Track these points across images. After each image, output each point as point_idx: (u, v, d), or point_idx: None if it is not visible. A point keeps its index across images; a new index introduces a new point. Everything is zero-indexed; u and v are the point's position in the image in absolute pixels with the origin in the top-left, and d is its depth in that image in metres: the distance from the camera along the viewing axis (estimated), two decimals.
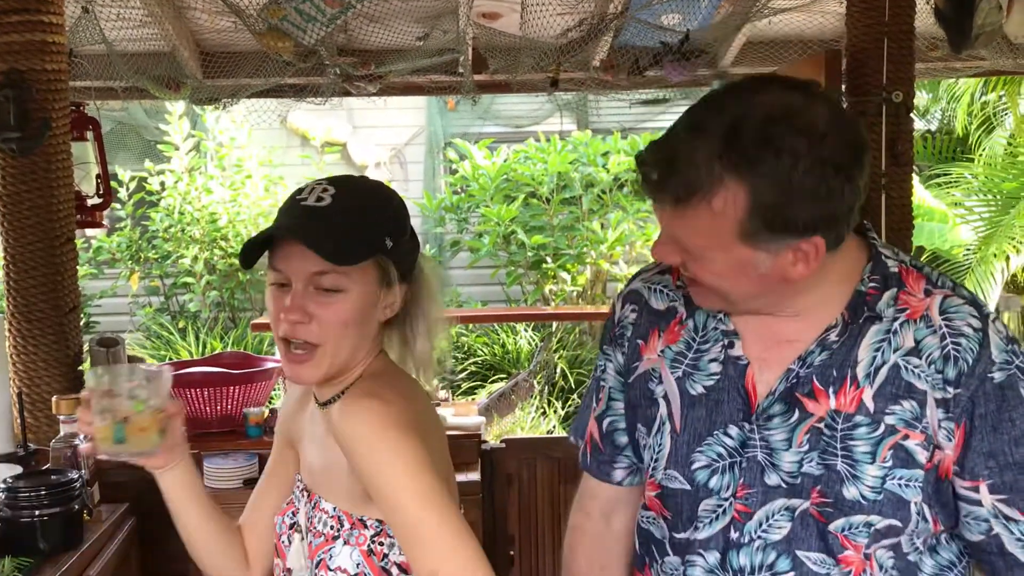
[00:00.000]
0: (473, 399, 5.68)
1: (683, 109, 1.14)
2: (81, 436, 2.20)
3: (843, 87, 3.01)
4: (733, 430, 1.17)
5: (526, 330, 6.79)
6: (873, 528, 1.12)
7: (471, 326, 6.66)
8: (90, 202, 3.13)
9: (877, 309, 1.14)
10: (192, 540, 1.42)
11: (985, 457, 1.10)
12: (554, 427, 5.96)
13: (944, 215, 6.64)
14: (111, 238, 6.74)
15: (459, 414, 3.21)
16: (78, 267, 2.75)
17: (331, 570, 1.26)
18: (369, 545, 1.25)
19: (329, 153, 7.60)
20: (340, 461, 1.25)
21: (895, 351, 1.13)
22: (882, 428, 1.12)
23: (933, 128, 7.51)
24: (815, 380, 1.14)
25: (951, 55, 3.34)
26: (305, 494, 1.34)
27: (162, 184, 6.89)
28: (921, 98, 7.08)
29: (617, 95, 4.12)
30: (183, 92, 3.55)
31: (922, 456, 1.11)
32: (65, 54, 2.66)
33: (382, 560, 1.25)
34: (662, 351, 1.25)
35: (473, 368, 6.56)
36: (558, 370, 6.47)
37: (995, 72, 4.67)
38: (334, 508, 1.28)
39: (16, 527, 2.01)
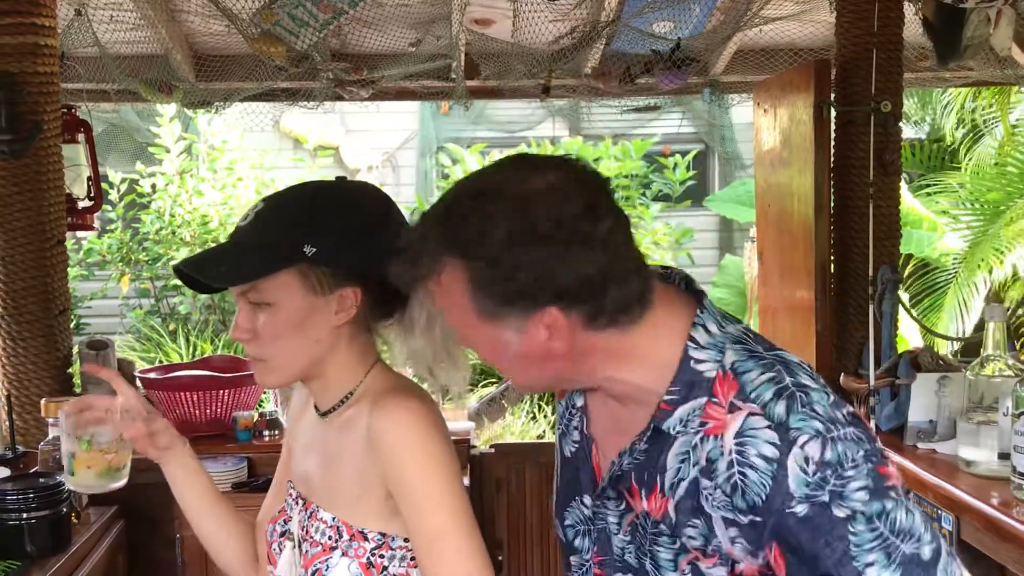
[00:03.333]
0: (462, 404, 5.68)
1: (674, 117, 1.13)
2: None
3: (832, 96, 3.03)
4: (587, 499, 1.19)
5: None
6: None
7: None
8: (81, 204, 3.12)
9: (665, 427, 1.07)
10: (200, 527, 1.44)
11: None
12: (544, 432, 5.97)
13: (933, 223, 6.68)
14: (102, 240, 6.73)
15: (448, 419, 3.21)
16: (68, 268, 2.75)
17: None
18: (368, 558, 1.25)
19: (322, 156, 7.60)
20: (347, 470, 1.26)
21: (694, 466, 1.05)
22: (679, 544, 1.08)
23: (923, 136, 7.55)
24: (632, 479, 1.12)
25: (939, 65, 3.37)
26: (299, 502, 1.34)
27: (153, 186, 6.87)
28: (910, 106, 7.11)
29: (608, 102, 4.14)
30: (176, 95, 3.55)
31: (722, 573, 1.06)
32: (57, 57, 2.66)
33: (381, 573, 1.25)
34: (558, 405, 1.28)
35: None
36: None
37: (983, 83, 4.71)
38: (333, 518, 1.27)
39: (3, 530, 2.01)
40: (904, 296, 5.11)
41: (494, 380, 6.38)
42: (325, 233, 1.24)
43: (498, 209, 1.02)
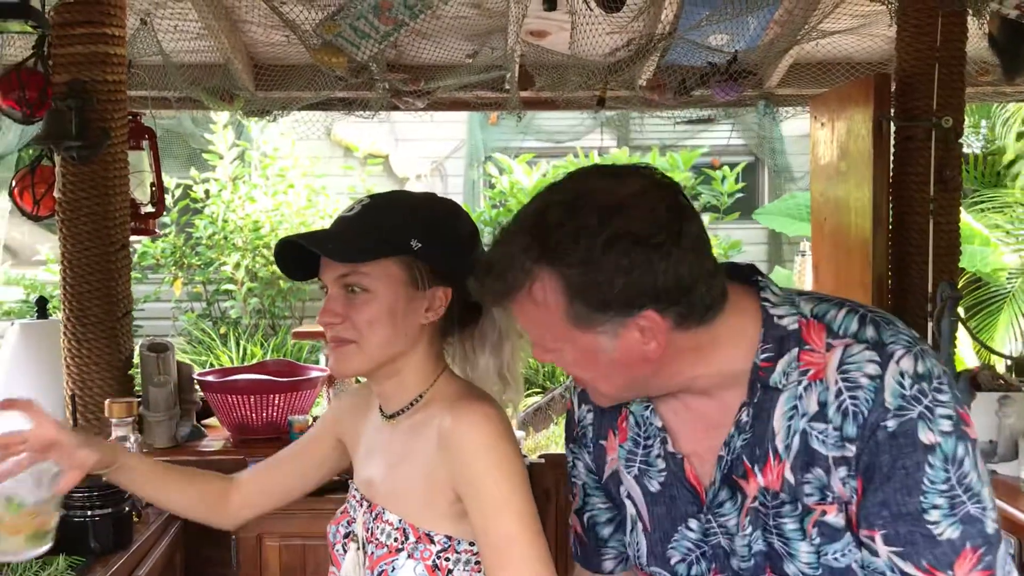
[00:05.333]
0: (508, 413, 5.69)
1: (723, 129, 1.14)
2: (132, 439, 2.25)
3: (892, 111, 3.00)
4: (693, 523, 1.18)
5: None
6: None
7: None
8: (144, 210, 3.19)
9: (772, 382, 1.09)
10: (168, 505, 1.54)
11: (879, 507, 1.04)
12: None
13: (985, 239, 6.57)
14: (155, 244, 6.86)
15: None
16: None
17: None
18: (435, 560, 1.26)
19: (372, 164, 7.68)
20: (416, 472, 1.28)
21: (803, 417, 1.08)
22: (801, 507, 1.09)
23: (977, 150, 7.42)
24: (744, 460, 1.12)
25: (1001, 80, 3.32)
26: (364, 504, 1.36)
27: (206, 192, 6.99)
28: (968, 119, 7.00)
29: (660, 113, 4.13)
30: (236, 104, 3.61)
31: (842, 522, 1.08)
32: (125, 66, 2.72)
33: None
34: (618, 449, 1.26)
35: None
36: None
37: None
38: (400, 520, 1.29)
39: (68, 527, 2.04)
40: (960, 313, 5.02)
41: (539, 390, 6.38)
42: (430, 232, 1.29)
43: (592, 216, 1.03)
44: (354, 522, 1.37)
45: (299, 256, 1.31)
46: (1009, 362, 5.73)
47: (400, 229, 1.28)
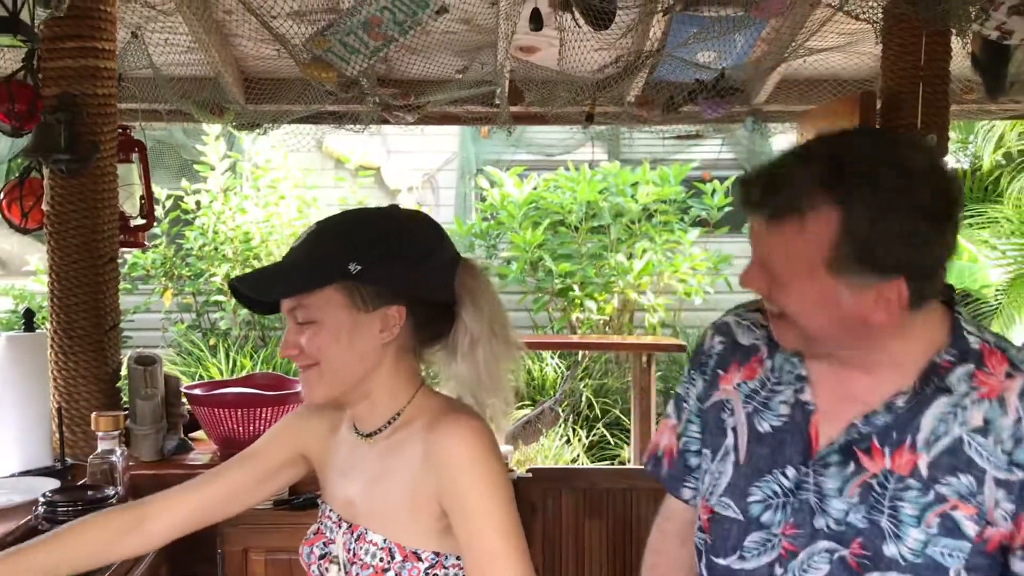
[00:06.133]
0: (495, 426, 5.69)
1: (714, 143, 1.19)
2: (119, 452, 2.25)
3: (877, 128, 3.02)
4: (791, 471, 1.21)
5: (552, 357, 6.80)
6: None
7: None
8: (133, 223, 3.20)
9: (947, 382, 1.15)
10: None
11: None
12: (578, 455, 5.96)
13: (973, 255, 6.61)
14: (146, 254, 6.85)
15: None
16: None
17: None
18: None
19: (363, 176, 7.69)
20: (398, 490, 1.28)
21: (960, 425, 1.14)
22: (932, 495, 1.13)
23: (965, 166, 7.48)
24: (874, 439, 1.16)
25: (985, 98, 3.35)
26: (343, 525, 1.35)
27: (197, 203, 6.99)
28: (954, 136, 7.05)
29: (649, 128, 4.16)
30: (226, 117, 3.62)
31: (971, 529, 1.12)
32: (115, 79, 2.73)
33: None
34: (738, 385, 1.30)
35: None
36: (583, 399, 6.47)
37: None
38: (385, 540, 1.29)
39: None
40: None
41: (529, 403, 6.39)
42: (370, 252, 1.27)
43: (892, 174, 1.06)
44: (331, 543, 1.36)
45: None
46: None
47: (335, 255, 1.27)
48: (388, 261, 1.27)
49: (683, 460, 1.39)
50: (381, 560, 1.28)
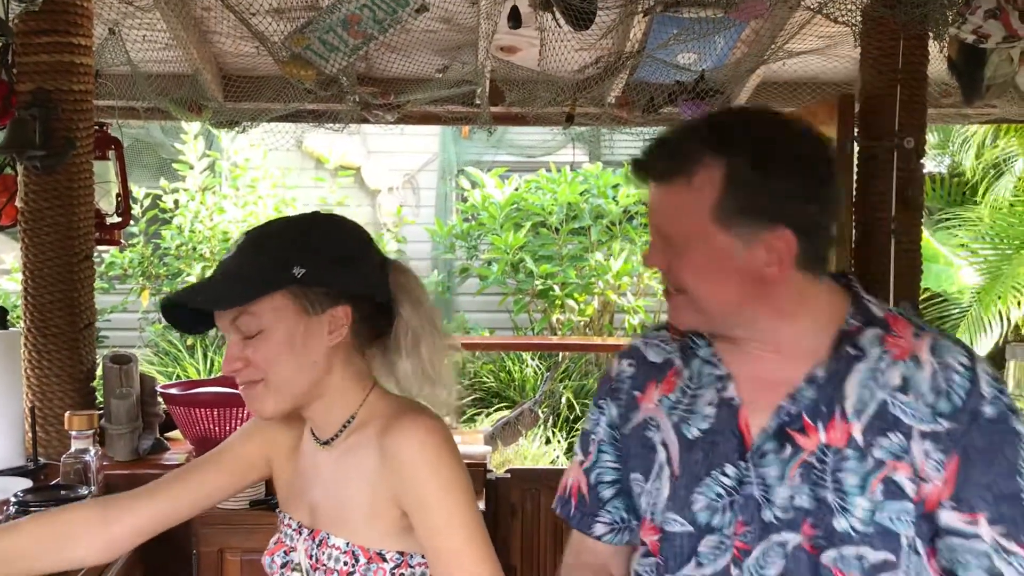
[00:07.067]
0: (474, 427, 5.69)
1: None
2: (93, 451, 2.22)
3: (855, 131, 3.04)
4: (730, 469, 1.21)
5: (532, 359, 6.80)
6: (867, 563, 1.14)
7: (477, 353, 6.68)
8: (109, 220, 3.17)
9: (861, 345, 1.19)
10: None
11: (983, 489, 1.13)
12: (558, 456, 5.97)
13: (949, 261, 6.67)
14: (123, 254, 6.80)
15: (465, 442, 3.23)
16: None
17: None
18: None
19: (343, 176, 7.66)
20: (358, 494, 1.28)
21: (882, 388, 1.17)
22: (871, 462, 1.15)
23: (943, 171, 7.54)
24: (805, 416, 1.18)
25: (962, 102, 3.38)
26: (303, 532, 1.35)
27: (176, 202, 6.95)
28: (930, 140, 7.11)
29: (630, 130, 4.16)
30: (205, 115, 3.60)
31: (910, 489, 1.14)
32: (91, 75, 2.70)
33: None
34: (660, 400, 1.30)
35: (479, 395, 6.57)
36: (563, 400, 6.48)
37: (1005, 120, 4.72)
38: (347, 543, 1.28)
39: None
40: None
41: (508, 404, 6.39)
42: (313, 254, 1.26)
43: (770, 127, 1.17)
44: (292, 551, 1.35)
45: (196, 308, 1.27)
46: None
47: (278, 260, 1.25)
48: (330, 263, 1.27)
49: (595, 494, 1.36)
50: (345, 564, 1.28)
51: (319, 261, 1.26)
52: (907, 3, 2.53)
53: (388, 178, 7.86)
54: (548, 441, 6.10)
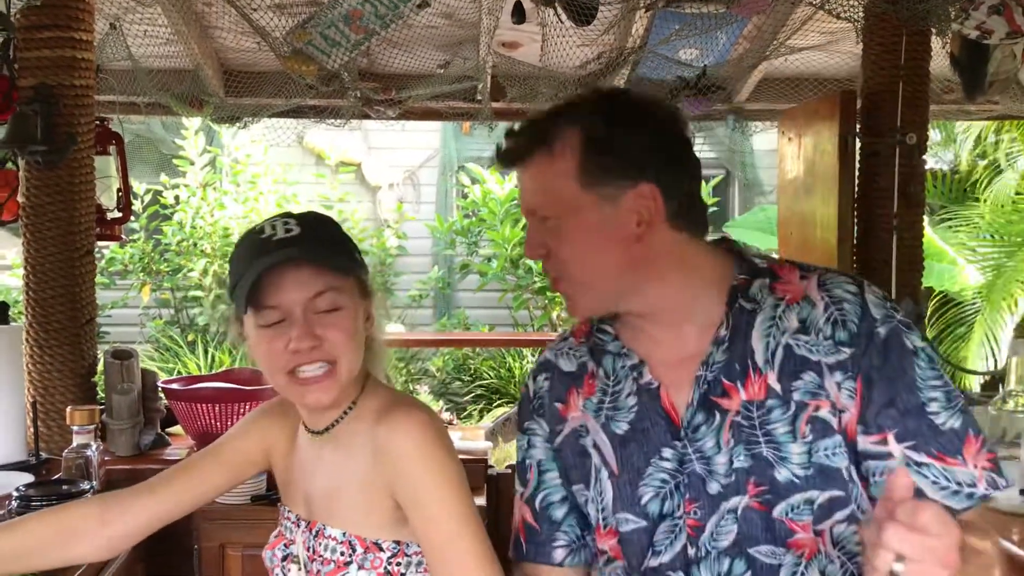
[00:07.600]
0: (475, 423, 5.68)
1: (698, 142, 1.27)
2: (93, 446, 2.22)
3: (857, 127, 3.04)
4: (667, 452, 1.21)
5: (533, 355, 6.80)
6: (816, 504, 1.15)
7: (477, 349, 6.67)
8: (110, 215, 3.16)
9: (754, 297, 1.21)
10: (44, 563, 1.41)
11: (886, 407, 1.14)
12: None
13: (952, 259, 6.65)
14: (124, 249, 6.79)
15: (466, 438, 3.22)
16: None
17: None
18: (386, 567, 1.27)
19: (344, 172, 7.65)
20: (352, 484, 1.28)
21: (783, 333, 1.19)
22: (793, 406, 1.17)
23: (945, 168, 7.52)
24: (723, 379, 1.19)
25: (964, 99, 3.38)
26: (302, 524, 1.35)
27: (176, 198, 6.94)
28: (933, 136, 7.09)
29: None
30: (205, 110, 3.59)
31: (835, 423, 1.16)
32: (93, 70, 2.70)
33: None
34: (584, 405, 1.30)
35: (480, 391, 6.58)
36: None
37: (1007, 116, 4.70)
38: (343, 533, 1.29)
39: None
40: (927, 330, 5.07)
41: (509, 400, 6.38)
42: (351, 247, 1.34)
43: (621, 93, 1.25)
44: (292, 543, 1.35)
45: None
46: (984, 379, 5.81)
47: (350, 244, 1.32)
48: (360, 256, 1.35)
49: (547, 518, 1.33)
50: (342, 554, 1.28)
51: (355, 253, 1.34)
52: None
53: (389, 174, 7.85)
54: None
